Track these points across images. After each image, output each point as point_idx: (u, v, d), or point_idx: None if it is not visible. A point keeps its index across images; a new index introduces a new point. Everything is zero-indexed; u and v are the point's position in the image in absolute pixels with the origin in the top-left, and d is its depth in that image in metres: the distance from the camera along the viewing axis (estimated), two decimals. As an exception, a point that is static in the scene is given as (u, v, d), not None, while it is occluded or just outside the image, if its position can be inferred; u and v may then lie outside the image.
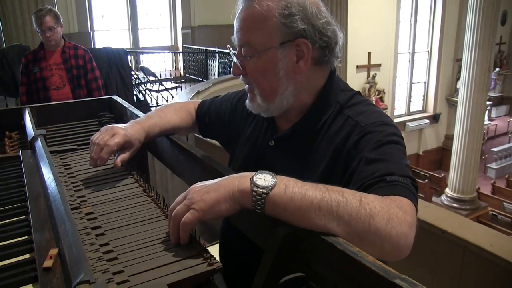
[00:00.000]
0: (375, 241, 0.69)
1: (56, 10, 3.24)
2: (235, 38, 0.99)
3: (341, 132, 0.94)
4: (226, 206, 0.74)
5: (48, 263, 0.73)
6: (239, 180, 0.75)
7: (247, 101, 1.04)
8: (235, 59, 0.99)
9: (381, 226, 0.68)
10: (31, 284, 0.74)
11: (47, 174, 1.00)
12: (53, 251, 0.76)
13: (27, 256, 0.82)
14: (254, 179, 0.73)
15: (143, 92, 7.37)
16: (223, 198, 0.74)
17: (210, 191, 0.75)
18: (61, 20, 3.23)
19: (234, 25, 0.98)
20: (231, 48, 1.01)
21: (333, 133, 0.95)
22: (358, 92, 1.05)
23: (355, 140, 0.90)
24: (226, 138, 1.25)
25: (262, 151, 1.06)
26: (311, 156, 0.97)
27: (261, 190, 0.72)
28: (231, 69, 1.02)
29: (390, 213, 0.70)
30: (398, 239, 0.69)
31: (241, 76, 1.01)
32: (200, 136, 4.01)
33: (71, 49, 3.28)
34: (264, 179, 0.73)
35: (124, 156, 1.12)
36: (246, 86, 1.03)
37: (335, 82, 1.02)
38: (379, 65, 11.34)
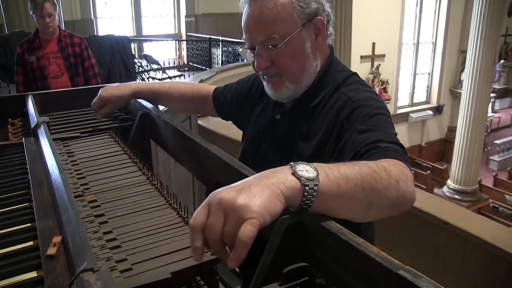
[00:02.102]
0: (402, 203, 0.75)
1: None
2: (248, 37, 1.03)
3: (335, 107, 1.02)
4: (279, 205, 0.60)
5: (51, 250, 0.73)
6: (279, 177, 0.63)
7: (270, 90, 1.09)
8: (260, 53, 1.01)
9: (405, 188, 0.74)
10: (35, 271, 0.74)
11: (50, 162, 1.00)
12: (57, 239, 0.76)
13: (31, 243, 0.82)
14: (298, 172, 0.64)
15: (146, 80, 7.37)
16: (274, 196, 0.60)
17: (254, 194, 0.59)
18: (57, 8, 3.22)
19: (249, 24, 1.01)
20: (244, 51, 1.07)
21: (329, 108, 1.04)
22: (355, 73, 1.12)
23: (347, 114, 0.98)
24: (241, 116, 1.33)
25: (270, 123, 1.16)
26: (309, 128, 1.06)
27: (312, 183, 0.63)
28: (255, 65, 1.05)
29: (405, 175, 0.76)
30: (413, 195, 0.77)
31: (262, 71, 1.06)
32: (203, 125, 4.04)
33: (67, 37, 3.26)
34: (306, 170, 0.64)
35: (103, 110, 1.39)
36: (267, 77, 1.07)
37: (333, 63, 1.10)
38: (383, 55, 11.25)
